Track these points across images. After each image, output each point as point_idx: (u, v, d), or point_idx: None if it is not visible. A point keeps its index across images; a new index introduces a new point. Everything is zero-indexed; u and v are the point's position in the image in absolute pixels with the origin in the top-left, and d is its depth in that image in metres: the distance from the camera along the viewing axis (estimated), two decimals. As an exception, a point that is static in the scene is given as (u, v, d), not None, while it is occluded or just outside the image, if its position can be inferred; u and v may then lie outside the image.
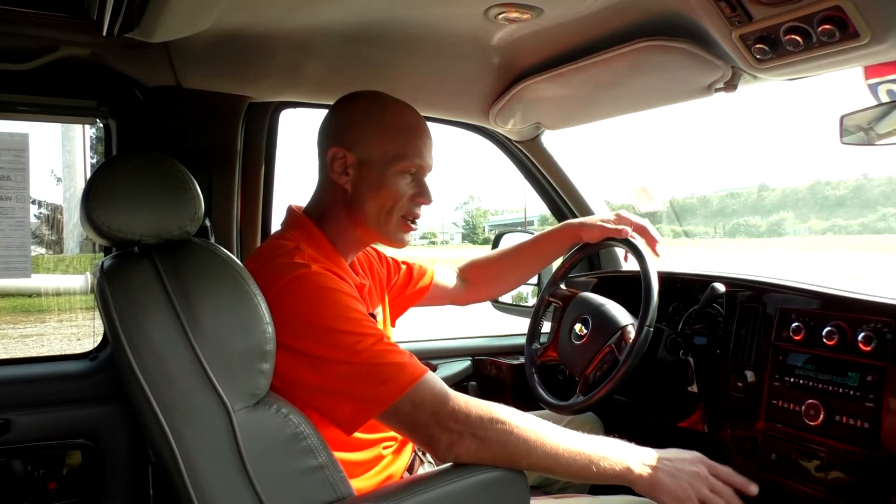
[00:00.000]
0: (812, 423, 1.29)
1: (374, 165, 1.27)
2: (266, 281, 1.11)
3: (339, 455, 1.10)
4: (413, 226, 1.33)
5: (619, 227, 1.63)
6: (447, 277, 1.76)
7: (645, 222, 1.66)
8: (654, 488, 1.12)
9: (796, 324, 1.37)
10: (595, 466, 1.12)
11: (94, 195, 1.06)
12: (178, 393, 1.01)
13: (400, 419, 1.10)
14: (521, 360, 1.91)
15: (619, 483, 1.14)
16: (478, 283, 1.81)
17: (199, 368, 1.01)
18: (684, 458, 1.17)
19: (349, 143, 1.27)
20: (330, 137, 1.30)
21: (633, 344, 1.45)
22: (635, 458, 1.14)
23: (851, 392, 1.25)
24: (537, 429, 1.11)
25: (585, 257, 1.93)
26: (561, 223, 1.82)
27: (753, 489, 1.17)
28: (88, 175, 1.12)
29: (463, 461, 1.09)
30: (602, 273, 2.06)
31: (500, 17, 1.32)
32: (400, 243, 1.34)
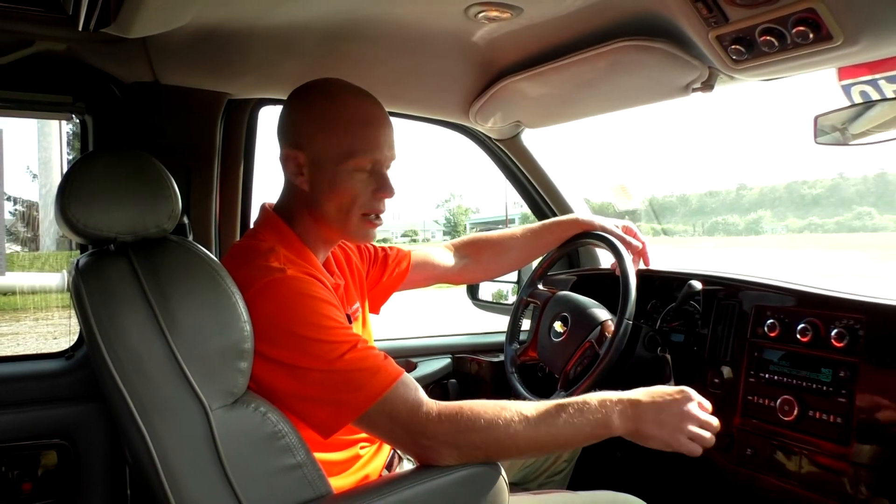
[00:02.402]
0: (786, 419, 1.31)
1: (328, 164, 1.20)
2: (240, 284, 1.09)
3: (316, 455, 1.09)
4: (377, 222, 1.26)
5: (624, 236, 1.65)
6: (439, 256, 1.71)
7: (645, 246, 1.68)
8: (643, 440, 1.13)
9: (771, 321, 1.39)
10: (578, 439, 1.14)
11: (70, 192, 1.04)
12: (154, 392, 0.99)
13: (375, 426, 1.10)
14: (501, 357, 1.92)
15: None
16: (481, 259, 1.76)
17: (176, 367, 1.00)
18: (670, 401, 1.15)
19: (299, 142, 1.22)
20: (282, 137, 1.25)
21: (612, 337, 1.47)
22: (618, 418, 1.12)
23: (824, 388, 1.28)
24: (514, 420, 1.08)
25: (564, 256, 1.94)
26: (569, 215, 1.81)
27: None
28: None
29: (448, 465, 1.09)
30: (580, 271, 2.08)
31: (480, 15, 1.33)
32: (365, 240, 1.31)
